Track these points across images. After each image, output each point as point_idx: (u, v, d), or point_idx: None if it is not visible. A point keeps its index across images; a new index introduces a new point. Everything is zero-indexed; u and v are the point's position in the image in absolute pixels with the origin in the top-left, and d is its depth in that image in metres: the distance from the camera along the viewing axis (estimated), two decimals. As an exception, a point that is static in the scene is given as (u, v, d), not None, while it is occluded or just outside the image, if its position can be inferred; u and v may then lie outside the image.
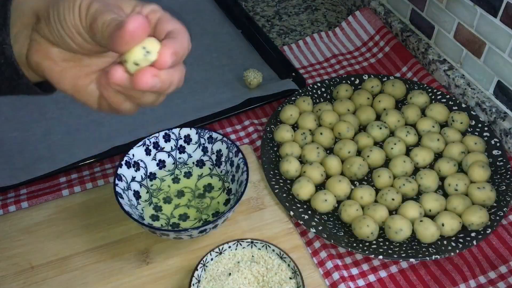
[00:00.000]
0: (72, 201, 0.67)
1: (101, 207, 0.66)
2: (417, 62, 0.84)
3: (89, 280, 0.59)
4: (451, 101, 0.76)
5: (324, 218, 0.64)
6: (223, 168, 0.67)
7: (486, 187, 0.64)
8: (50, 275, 0.60)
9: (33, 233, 0.64)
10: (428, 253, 0.60)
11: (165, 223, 0.63)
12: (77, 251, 0.62)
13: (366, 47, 0.90)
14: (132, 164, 0.64)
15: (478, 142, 0.70)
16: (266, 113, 0.80)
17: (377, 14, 0.92)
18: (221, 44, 0.90)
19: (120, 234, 0.63)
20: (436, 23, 0.82)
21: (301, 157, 0.70)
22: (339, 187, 0.65)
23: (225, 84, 0.83)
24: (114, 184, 0.60)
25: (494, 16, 0.70)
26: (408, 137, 0.71)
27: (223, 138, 0.66)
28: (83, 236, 0.63)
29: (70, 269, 0.60)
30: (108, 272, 0.60)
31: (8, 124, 0.76)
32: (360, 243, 0.61)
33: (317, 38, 0.92)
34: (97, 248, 0.62)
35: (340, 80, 0.80)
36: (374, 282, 0.60)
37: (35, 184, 0.70)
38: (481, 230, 0.62)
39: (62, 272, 0.60)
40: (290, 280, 0.56)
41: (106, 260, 0.61)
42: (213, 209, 0.65)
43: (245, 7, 1.00)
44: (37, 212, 0.66)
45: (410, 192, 0.66)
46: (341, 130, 0.72)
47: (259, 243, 0.59)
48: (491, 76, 0.75)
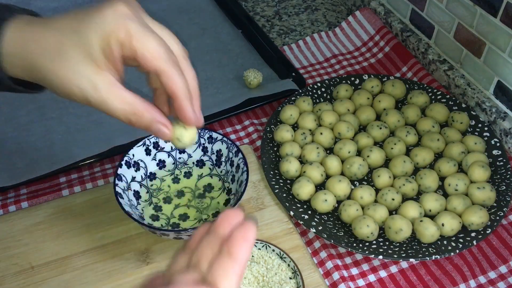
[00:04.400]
0: (72, 201, 0.67)
1: (101, 207, 0.66)
2: (417, 62, 0.84)
3: (89, 280, 0.59)
4: (451, 101, 0.76)
5: (324, 218, 0.64)
6: (223, 168, 0.67)
7: (486, 187, 0.64)
8: (50, 275, 0.60)
9: (33, 233, 0.64)
10: (428, 253, 0.60)
11: (165, 223, 0.63)
12: (77, 251, 0.62)
13: (366, 47, 0.90)
14: (132, 164, 0.64)
15: (478, 142, 0.70)
16: (266, 113, 0.80)
17: (377, 14, 0.92)
18: (221, 44, 0.90)
19: (120, 234, 0.63)
20: (436, 23, 0.82)
21: (301, 157, 0.70)
22: (339, 187, 0.65)
23: (225, 84, 0.83)
24: (114, 184, 0.61)
25: (494, 16, 0.70)
26: (408, 137, 0.71)
27: (223, 138, 0.66)
28: (83, 236, 0.63)
29: (70, 269, 0.60)
30: (108, 272, 0.60)
31: (8, 124, 0.76)
32: (360, 243, 0.61)
33: (317, 38, 0.92)
34: (97, 248, 0.62)
35: (340, 80, 0.80)
36: (374, 282, 0.60)
37: (35, 184, 0.70)
38: (481, 230, 0.62)
39: (62, 272, 0.60)
40: (290, 280, 0.56)
41: (106, 260, 0.61)
42: (213, 209, 0.65)
43: (245, 7, 1.00)
44: (37, 212, 0.66)
45: (410, 192, 0.66)
46: (341, 130, 0.72)
47: (259, 243, 0.59)
48: (491, 76, 0.75)
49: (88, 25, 0.41)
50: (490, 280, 0.61)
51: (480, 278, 0.61)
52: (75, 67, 0.41)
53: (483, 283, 0.60)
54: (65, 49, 0.41)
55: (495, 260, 0.62)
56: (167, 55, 0.42)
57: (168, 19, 0.95)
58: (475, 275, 0.61)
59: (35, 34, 0.42)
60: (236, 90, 0.81)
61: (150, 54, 0.41)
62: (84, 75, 0.41)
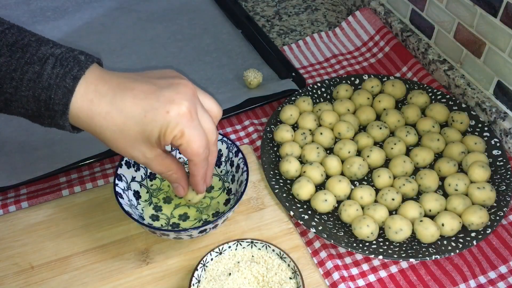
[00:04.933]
0: (72, 201, 0.67)
1: (101, 207, 0.66)
2: (417, 62, 0.85)
3: (89, 280, 0.59)
4: (451, 101, 0.76)
5: (324, 218, 0.64)
6: (223, 168, 0.67)
7: (486, 187, 0.64)
8: (50, 275, 0.60)
9: (33, 233, 0.64)
10: (428, 253, 0.60)
11: (165, 223, 0.63)
12: (77, 251, 0.62)
13: (366, 47, 0.90)
14: (132, 164, 0.64)
15: (478, 142, 0.70)
16: (266, 113, 0.80)
17: (377, 14, 0.92)
18: (221, 44, 0.90)
19: (120, 234, 0.63)
20: (436, 23, 0.82)
21: (301, 157, 0.70)
22: (339, 187, 0.65)
23: (225, 84, 0.83)
24: (114, 184, 0.61)
25: (494, 16, 0.70)
26: (408, 137, 0.71)
27: (223, 138, 0.66)
28: (83, 236, 0.63)
29: (70, 269, 0.60)
30: (108, 272, 0.60)
31: (8, 124, 0.76)
32: (360, 243, 0.61)
33: (317, 38, 0.92)
34: (97, 248, 0.62)
35: (340, 80, 0.80)
36: (374, 282, 0.60)
37: (35, 184, 0.70)
38: (481, 230, 0.62)
39: (62, 272, 0.60)
40: (290, 280, 0.56)
41: (106, 260, 0.61)
42: (213, 209, 0.65)
43: (245, 7, 1.00)
44: (37, 212, 0.66)
45: (410, 192, 0.66)
46: (341, 130, 0.72)
47: (259, 243, 0.59)
48: (491, 76, 0.75)
49: (153, 120, 0.48)
50: (490, 280, 0.61)
51: (480, 278, 0.61)
52: (134, 144, 0.50)
53: (483, 283, 0.60)
54: (129, 131, 0.49)
55: (495, 260, 0.62)
56: (203, 155, 0.52)
57: (168, 19, 0.95)
58: (475, 275, 0.61)
59: (103, 110, 0.48)
60: (236, 90, 0.81)
61: (190, 151, 0.50)
62: (140, 150, 0.50)
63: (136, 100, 0.48)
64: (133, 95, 0.48)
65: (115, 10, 0.98)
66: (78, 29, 0.93)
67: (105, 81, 0.48)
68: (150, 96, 0.48)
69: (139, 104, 0.48)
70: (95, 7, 0.98)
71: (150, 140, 0.49)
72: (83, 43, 0.91)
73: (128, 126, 0.48)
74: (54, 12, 0.97)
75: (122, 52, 0.89)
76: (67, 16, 0.96)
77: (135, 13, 0.97)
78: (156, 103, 0.48)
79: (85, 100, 0.48)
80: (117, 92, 0.48)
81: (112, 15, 0.96)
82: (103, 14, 0.96)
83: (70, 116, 0.48)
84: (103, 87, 0.48)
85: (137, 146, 0.50)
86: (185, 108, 0.48)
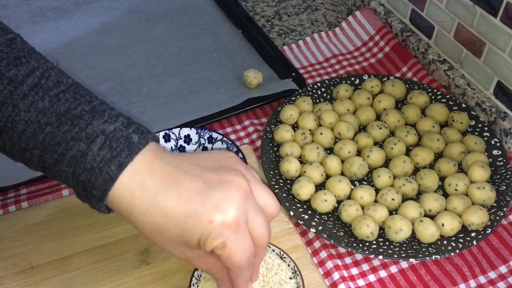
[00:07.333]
0: (72, 201, 0.67)
1: (101, 207, 0.66)
2: (417, 62, 0.85)
3: (89, 280, 0.59)
4: (451, 101, 0.76)
5: (324, 218, 0.64)
6: (223, 168, 0.67)
7: (486, 187, 0.64)
8: (50, 275, 0.60)
9: (33, 233, 0.64)
10: (428, 253, 0.60)
11: (165, 223, 0.63)
12: (77, 251, 0.62)
13: (366, 47, 0.90)
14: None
15: (478, 142, 0.70)
16: (266, 113, 0.80)
17: (377, 14, 0.92)
18: (221, 44, 0.90)
19: (120, 234, 0.63)
20: (436, 23, 0.82)
21: (301, 157, 0.70)
22: (339, 187, 0.65)
23: (225, 84, 0.83)
24: (114, 184, 0.60)
25: (494, 16, 0.70)
26: (408, 137, 0.71)
27: (223, 138, 0.66)
28: (83, 236, 0.63)
29: (70, 269, 0.60)
30: (108, 272, 0.60)
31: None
32: (360, 243, 0.61)
33: (317, 38, 0.92)
34: (97, 248, 0.62)
35: (340, 80, 0.80)
36: (374, 282, 0.60)
37: (35, 184, 0.70)
38: (481, 230, 0.62)
39: (62, 272, 0.60)
40: (290, 280, 0.56)
41: (106, 260, 0.61)
42: (213, 209, 0.64)
43: (245, 7, 1.00)
44: (37, 212, 0.66)
45: (410, 192, 0.66)
46: (341, 130, 0.72)
47: (259, 243, 0.59)
48: (491, 76, 0.75)
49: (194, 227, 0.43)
50: (490, 280, 0.61)
51: (480, 278, 0.61)
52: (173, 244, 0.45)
53: (483, 283, 0.60)
54: (168, 233, 0.44)
55: (495, 260, 0.62)
56: (245, 266, 0.46)
57: (168, 19, 0.95)
58: (475, 275, 0.61)
59: (142, 206, 0.44)
60: (236, 90, 0.81)
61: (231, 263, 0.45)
62: (179, 250, 0.46)
63: (179, 202, 0.43)
64: (178, 194, 0.43)
65: (115, 10, 0.98)
66: (78, 29, 0.93)
67: (152, 170, 0.44)
68: (196, 198, 0.43)
69: (182, 206, 0.43)
70: (95, 7, 0.98)
71: (190, 244, 0.45)
72: (83, 43, 0.91)
73: (167, 228, 0.44)
74: (54, 12, 0.97)
75: (122, 52, 0.89)
76: (67, 16, 0.96)
77: (135, 13, 0.97)
78: (200, 207, 0.43)
79: (127, 191, 0.43)
80: (162, 187, 0.44)
81: (112, 15, 0.96)
82: (103, 14, 0.97)
83: (108, 202, 0.45)
84: (149, 179, 0.44)
85: (176, 246, 0.46)
86: (231, 219, 0.43)
